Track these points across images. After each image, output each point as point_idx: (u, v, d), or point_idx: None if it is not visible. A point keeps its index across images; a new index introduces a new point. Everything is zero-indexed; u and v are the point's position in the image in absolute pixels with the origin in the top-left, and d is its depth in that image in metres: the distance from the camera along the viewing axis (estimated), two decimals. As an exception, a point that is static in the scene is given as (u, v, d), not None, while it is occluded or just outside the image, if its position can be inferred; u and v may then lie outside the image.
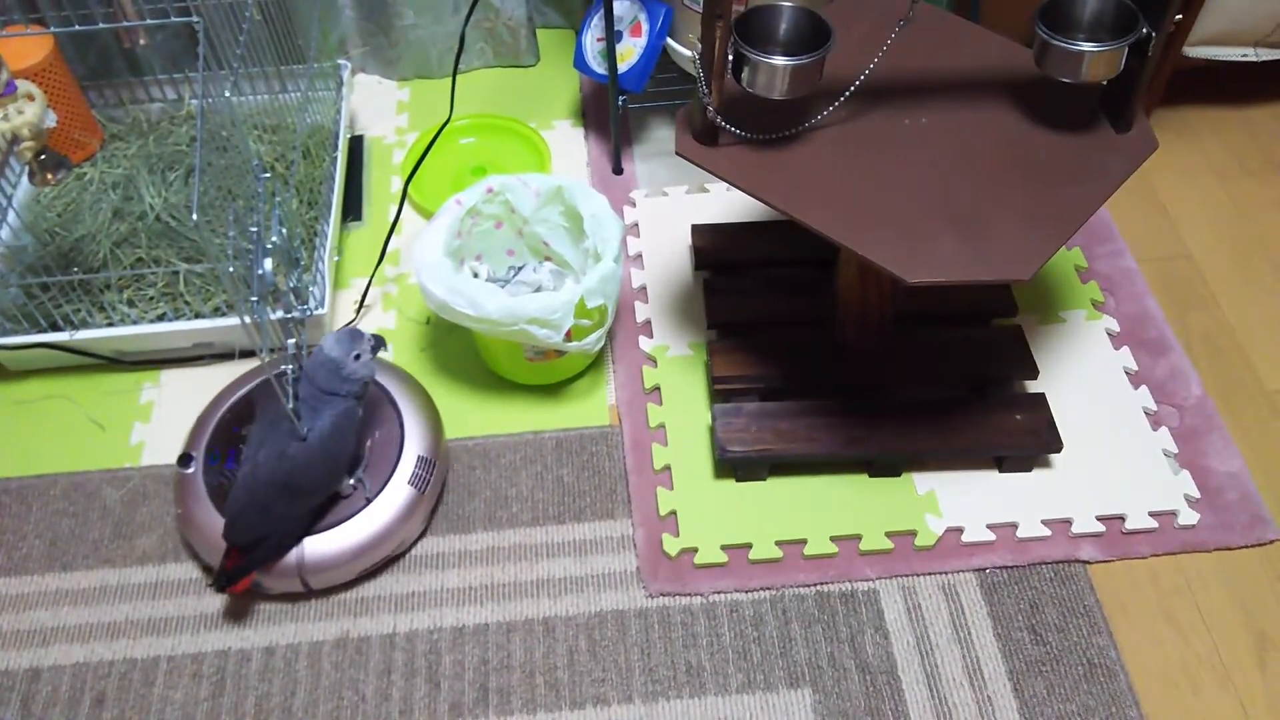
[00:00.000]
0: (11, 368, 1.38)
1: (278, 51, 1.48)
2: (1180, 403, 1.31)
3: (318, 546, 1.14)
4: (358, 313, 1.44)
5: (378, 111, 1.74)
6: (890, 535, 1.19)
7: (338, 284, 1.48)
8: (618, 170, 1.61)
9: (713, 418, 1.26)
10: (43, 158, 1.22)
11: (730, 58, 1.06)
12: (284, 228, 1.21)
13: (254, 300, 1.06)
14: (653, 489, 1.25)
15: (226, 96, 1.09)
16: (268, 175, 1.17)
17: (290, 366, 1.13)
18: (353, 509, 1.16)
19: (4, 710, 1.10)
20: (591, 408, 1.34)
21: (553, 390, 1.36)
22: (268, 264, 1.12)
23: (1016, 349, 1.30)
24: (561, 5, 1.84)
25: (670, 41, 1.53)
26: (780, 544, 1.19)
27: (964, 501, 1.22)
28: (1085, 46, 1.04)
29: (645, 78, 1.51)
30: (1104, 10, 1.07)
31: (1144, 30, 1.03)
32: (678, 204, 1.56)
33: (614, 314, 1.28)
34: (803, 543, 1.19)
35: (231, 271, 1.05)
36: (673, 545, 1.19)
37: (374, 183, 1.62)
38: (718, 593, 1.17)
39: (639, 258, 1.49)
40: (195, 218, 0.89)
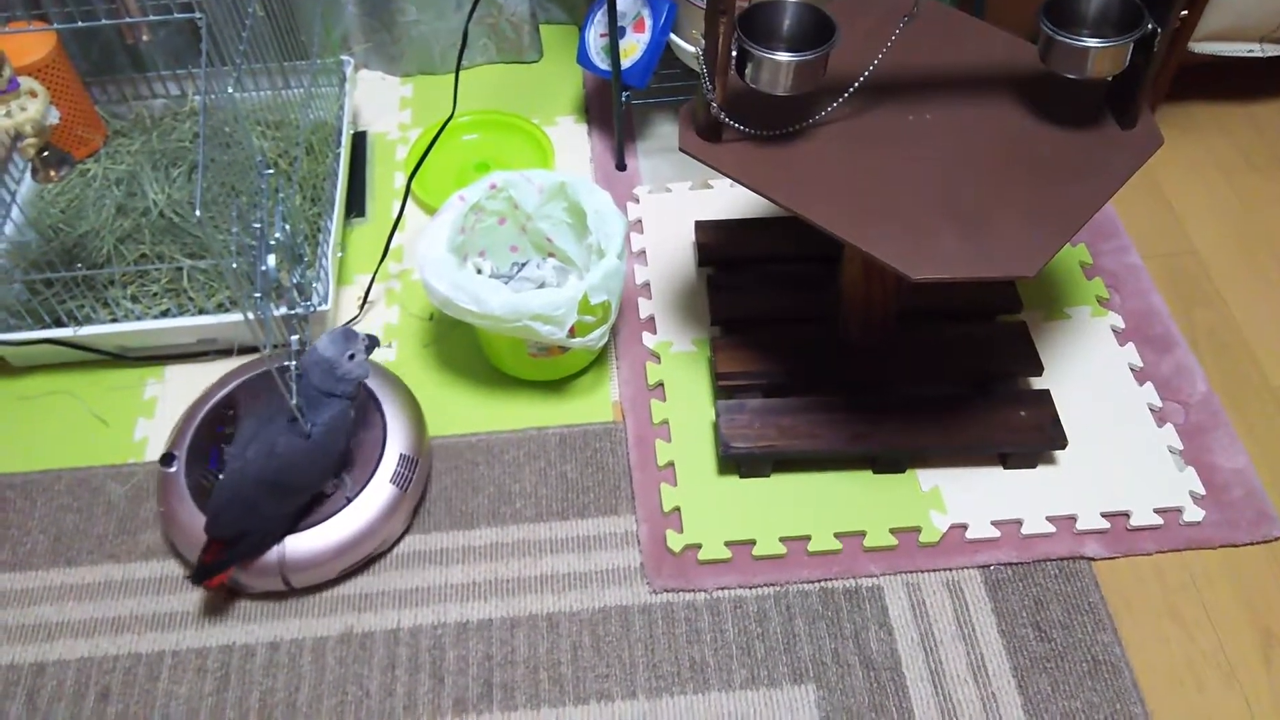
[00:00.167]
0: (16, 363, 1.39)
1: (280, 47, 1.48)
2: (1185, 399, 1.31)
3: (299, 544, 1.13)
4: (361, 309, 1.44)
5: (381, 107, 1.74)
6: (894, 531, 1.19)
7: (341, 280, 1.48)
8: (621, 166, 1.61)
9: (716, 414, 1.25)
10: (46, 154, 1.22)
11: (734, 53, 1.05)
12: (287, 224, 1.21)
13: (257, 296, 1.06)
14: (656, 485, 1.24)
15: (229, 93, 1.09)
16: (271, 171, 1.17)
17: (294, 362, 1.13)
18: (334, 507, 1.15)
19: (10, 705, 1.10)
20: (595, 404, 1.34)
21: (556, 386, 1.36)
22: (271, 260, 1.13)
23: (1021, 345, 1.29)
24: (564, 1, 1.83)
25: (674, 37, 1.53)
26: (784, 540, 1.19)
27: (968, 498, 1.22)
28: (1090, 42, 1.04)
29: (649, 73, 1.51)
30: (1109, 6, 1.07)
31: (1149, 26, 1.03)
32: (681, 200, 1.56)
33: (617, 310, 1.28)
34: (806, 539, 1.19)
35: (235, 267, 1.06)
36: (676, 541, 1.19)
37: (377, 179, 1.62)
38: (721, 589, 1.16)
39: (642, 254, 1.49)
40: (199, 214, 0.89)
